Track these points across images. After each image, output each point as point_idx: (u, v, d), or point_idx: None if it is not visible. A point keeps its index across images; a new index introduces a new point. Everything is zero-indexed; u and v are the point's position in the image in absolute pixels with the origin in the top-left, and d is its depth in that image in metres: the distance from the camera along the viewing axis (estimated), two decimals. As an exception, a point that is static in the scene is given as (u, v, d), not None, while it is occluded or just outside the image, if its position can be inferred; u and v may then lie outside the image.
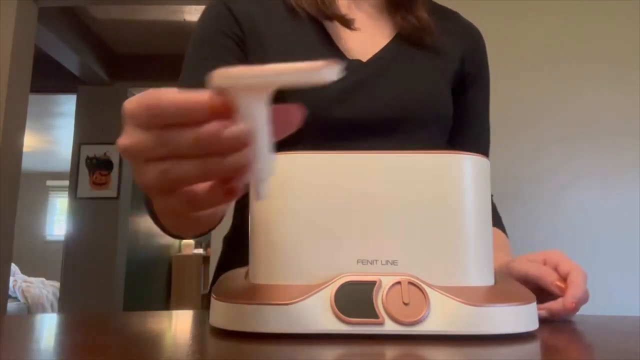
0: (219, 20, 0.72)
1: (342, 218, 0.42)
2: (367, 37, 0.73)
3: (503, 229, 0.79)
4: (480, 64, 0.81)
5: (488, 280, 0.45)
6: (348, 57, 0.71)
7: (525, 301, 0.43)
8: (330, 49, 0.70)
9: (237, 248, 0.75)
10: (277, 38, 0.71)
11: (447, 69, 0.75)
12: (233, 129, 0.30)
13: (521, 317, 0.42)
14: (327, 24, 0.72)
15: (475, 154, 0.49)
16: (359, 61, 0.70)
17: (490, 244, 0.48)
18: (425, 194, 0.43)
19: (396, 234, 0.42)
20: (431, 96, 0.71)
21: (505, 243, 0.76)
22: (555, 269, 0.54)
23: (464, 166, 0.46)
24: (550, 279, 0.53)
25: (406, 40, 0.73)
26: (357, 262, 0.41)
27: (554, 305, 0.51)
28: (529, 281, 0.54)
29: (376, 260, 0.41)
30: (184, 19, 3.77)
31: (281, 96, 0.70)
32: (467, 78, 0.79)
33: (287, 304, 0.39)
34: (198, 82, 0.73)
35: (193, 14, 3.69)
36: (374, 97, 0.69)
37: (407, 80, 0.71)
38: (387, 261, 0.41)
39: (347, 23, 0.70)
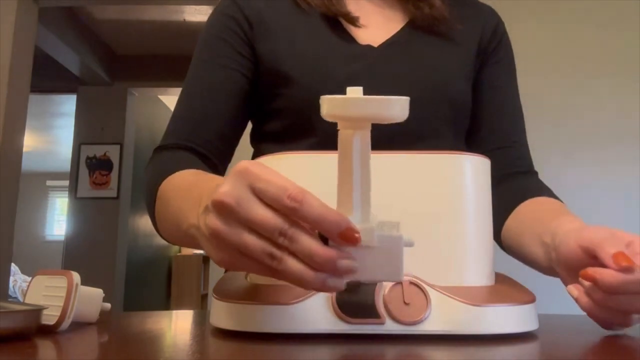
0: (226, 16, 0.73)
1: (343, 218, 0.42)
2: (379, 25, 0.73)
3: (557, 198, 0.70)
4: (499, 45, 0.78)
5: (488, 280, 0.45)
6: (359, 43, 0.71)
7: (525, 301, 0.43)
8: (342, 36, 0.70)
9: None
10: (286, 27, 0.71)
11: (463, 57, 0.74)
12: (348, 263, 0.32)
13: (521, 317, 0.42)
14: None
15: (475, 154, 0.49)
16: (369, 46, 0.70)
17: (491, 244, 0.48)
18: (425, 194, 0.43)
19: (396, 234, 0.42)
20: (442, 83, 0.71)
21: (562, 207, 0.66)
22: (628, 246, 0.43)
23: (464, 166, 0.46)
24: (609, 249, 0.42)
25: (419, 28, 0.73)
26: (358, 262, 0.41)
27: (604, 273, 0.41)
28: (587, 250, 0.45)
29: (377, 260, 0.41)
30: (184, 19, 3.76)
31: (289, 82, 0.69)
32: (485, 57, 0.76)
33: (288, 304, 0.39)
34: (204, 83, 0.73)
35: (193, 14, 3.68)
36: (383, 81, 0.68)
37: (418, 66, 0.70)
38: (388, 261, 0.41)
39: (353, 20, 0.70)
